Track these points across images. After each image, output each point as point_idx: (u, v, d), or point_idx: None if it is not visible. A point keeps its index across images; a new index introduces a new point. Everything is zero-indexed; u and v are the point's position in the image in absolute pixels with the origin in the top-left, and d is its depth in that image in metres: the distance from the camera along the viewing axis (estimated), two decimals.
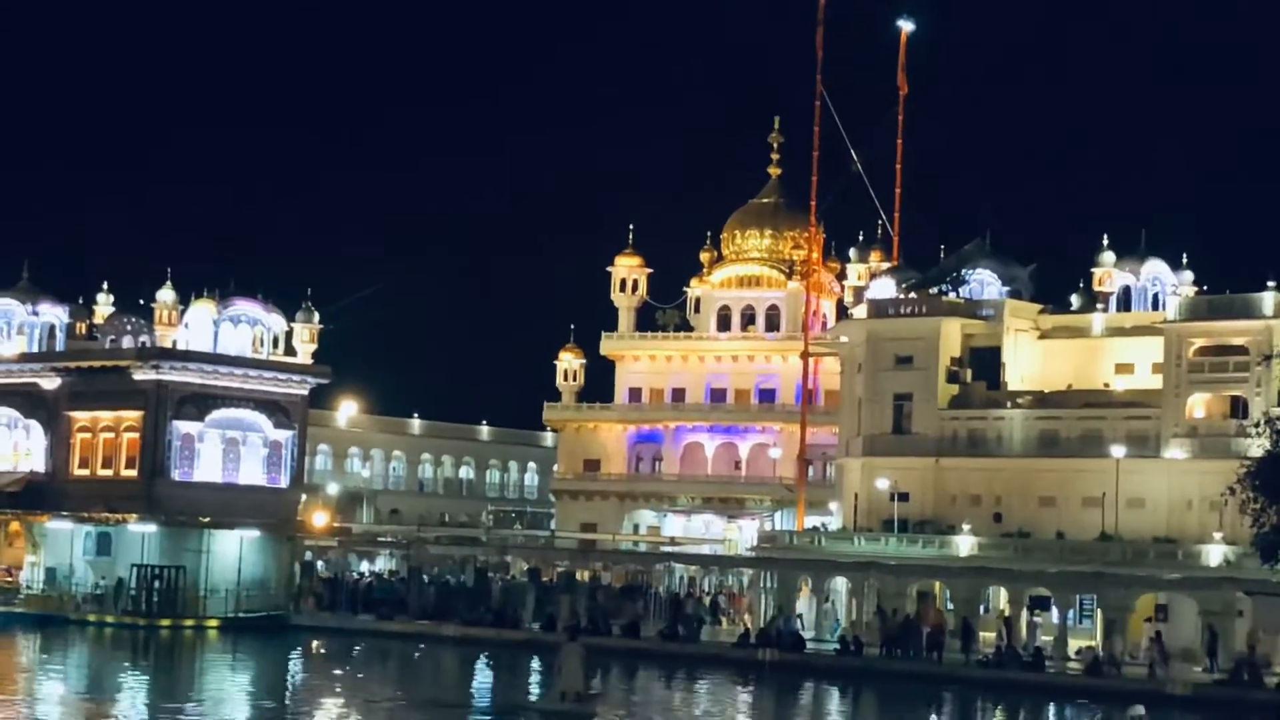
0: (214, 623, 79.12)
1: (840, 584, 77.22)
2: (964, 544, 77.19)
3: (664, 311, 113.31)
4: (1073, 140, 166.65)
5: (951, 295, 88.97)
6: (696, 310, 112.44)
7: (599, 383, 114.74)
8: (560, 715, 47.19)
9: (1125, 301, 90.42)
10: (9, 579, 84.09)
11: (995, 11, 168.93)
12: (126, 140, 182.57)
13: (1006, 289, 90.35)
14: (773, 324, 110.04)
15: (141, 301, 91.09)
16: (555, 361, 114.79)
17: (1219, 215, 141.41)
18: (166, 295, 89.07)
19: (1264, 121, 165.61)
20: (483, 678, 65.19)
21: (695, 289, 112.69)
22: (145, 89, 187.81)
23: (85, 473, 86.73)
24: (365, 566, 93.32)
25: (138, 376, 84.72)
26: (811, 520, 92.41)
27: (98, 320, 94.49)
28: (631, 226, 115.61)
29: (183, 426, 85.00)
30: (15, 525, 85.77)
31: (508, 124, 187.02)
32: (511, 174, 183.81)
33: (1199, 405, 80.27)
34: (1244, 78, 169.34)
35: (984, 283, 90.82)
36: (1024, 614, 70.55)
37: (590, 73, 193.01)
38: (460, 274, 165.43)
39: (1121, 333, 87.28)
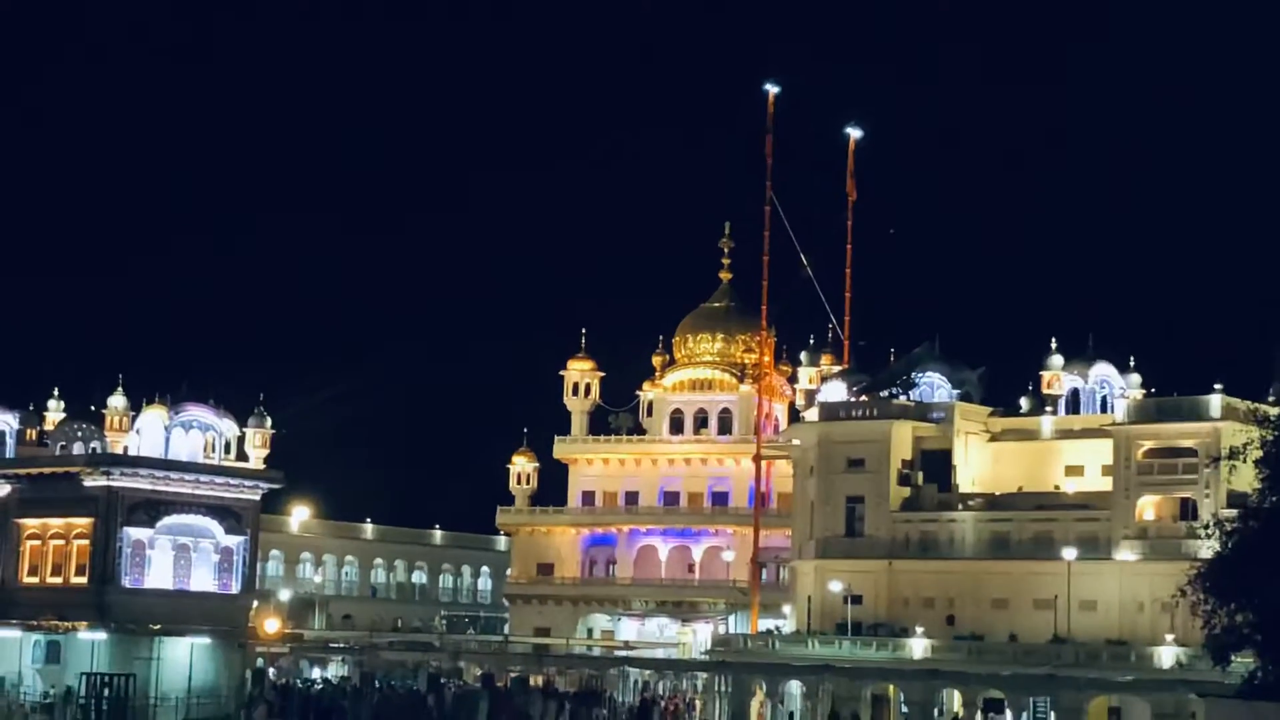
0: None
1: (795, 687, 76.92)
2: (917, 647, 77.09)
3: (617, 415, 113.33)
4: (1022, 243, 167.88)
5: (902, 398, 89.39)
6: (649, 413, 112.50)
7: (552, 486, 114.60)
8: None
9: (1074, 404, 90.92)
10: None
11: (943, 119, 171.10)
12: (76, 244, 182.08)
13: (956, 392, 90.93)
14: (725, 427, 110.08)
15: (93, 408, 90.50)
16: (508, 465, 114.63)
17: (1166, 318, 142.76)
18: (118, 401, 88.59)
19: (1210, 222, 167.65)
20: None
21: (648, 392, 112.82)
22: (98, 191, 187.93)
23: (35, 580, 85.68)
24: (317, 673, 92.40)
25: (88, 483, 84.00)
26: (765, 623, 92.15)
27: (48, 426, 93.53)
28: (584, 330, 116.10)
29: (134, 533, 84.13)
30: None
31: (462, 229, 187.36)
32: (463, 277, 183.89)
33: (1149, 507, 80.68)
34: (1190, 180, 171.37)
35: (934, 385, 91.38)
36: (978, 717, 70.42)
37: (542, 177, 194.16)
38: (412, 378, 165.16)
39: (1071, 435, 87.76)
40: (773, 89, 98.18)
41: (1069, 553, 78.86)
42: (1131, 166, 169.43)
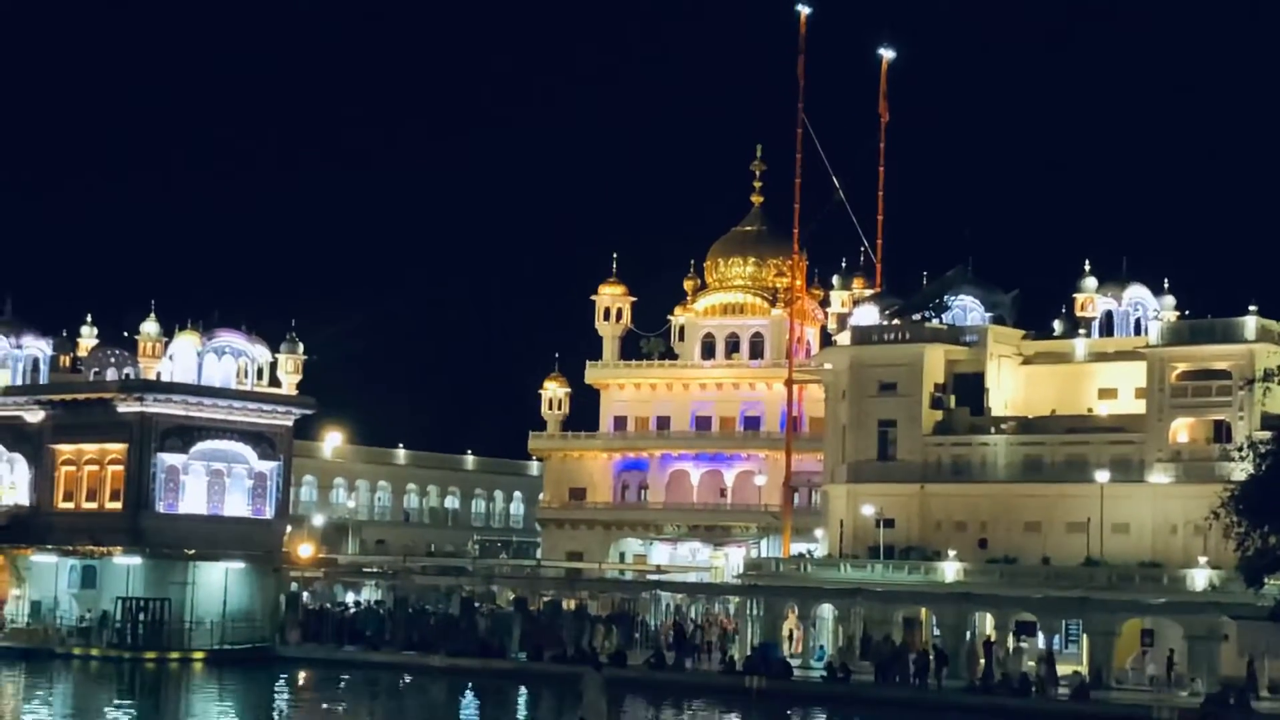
0: (199, 655, 78.80)
1: (826, 611, 77.16)
2: (949, 570, 77.18)
3: (648, 340, 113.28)
4: (1055, 166, 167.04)
5: (935, 322, 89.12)
6: (681, 338, 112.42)
7: (584, 411, 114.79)
8: None
9: (1108, 327, 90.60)
10: None
11: (976, 39, 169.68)
12: (110, 169, 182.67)
13: (989, 315, 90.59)
14: (757, 351, 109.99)
15: (126, 334, 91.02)
16: (540, 391, 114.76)
17: (1201, 239, 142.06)
18: (150, 327, 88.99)
19: (1245, 145, 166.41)
20: (470, 709, 64.96)
21: (679, 317, 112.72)
22: (133, 117, 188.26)
23: (70, 506, 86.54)
24: (351, 597, 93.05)
25: (122, 409, 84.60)
26: (797, 547, 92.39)
27: (81, 353, 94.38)
28: (615, 255, 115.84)
29: (167, 459, 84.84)
30: (0, 559, 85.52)
31: (492, 154, 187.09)
32: (495, 202, 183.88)
33: (1182, 429, 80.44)
34: (1226, 101, 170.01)
35: (967, 309, 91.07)
36: (1010, 639, 70.57)
37: (573, 103, 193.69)
38: (445, 304, 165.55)
39: (1104, 358, 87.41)
40: (804, 9, 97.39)
41: (1102, 475, 78.75)
42: (1168, 84, 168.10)
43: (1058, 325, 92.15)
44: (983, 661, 68.49)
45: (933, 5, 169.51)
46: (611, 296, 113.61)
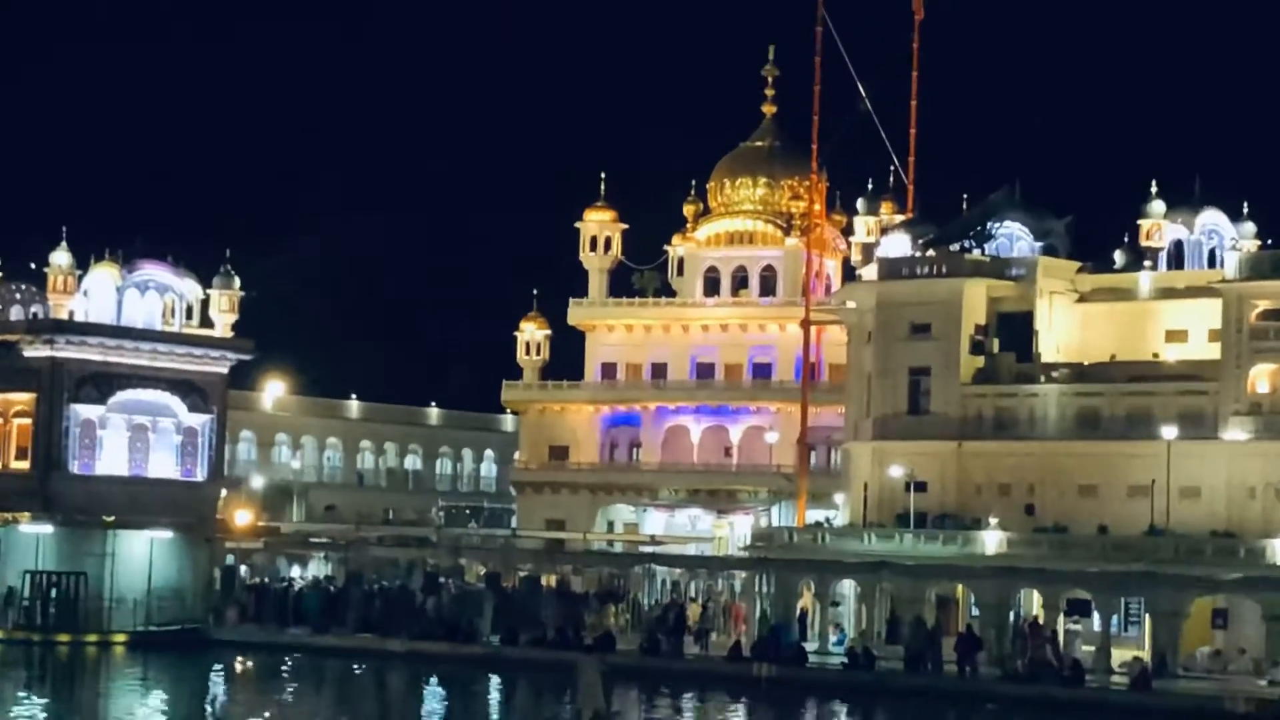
0: (121, 638, 78.95)
1: (848, 588, 77.37)
2: (990, 541, 77.35)
3: (642, 274, 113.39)
4: (1116, 73, 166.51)
5: (976, 253, 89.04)
6: (680, 272, 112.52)
7: (567, 358, 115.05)
8: None
9: (1177, 259, 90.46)
10: None
11: None
12: (10, 80, 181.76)
13: (1039, 245, 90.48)
14: (768, 288, 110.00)
15: (33, 266, 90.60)
16: (515, 334, 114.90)
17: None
18: (61, 259, 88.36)
19: None
20: (435, 700, 65.18)
21: (678, 247, 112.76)
22: (34, 22, 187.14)
23: None
24: (296, 572, 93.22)
25: (29, 354, 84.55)
26: (814, 515, 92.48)
27: None
28: (603, 175, 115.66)
29: (82, 411, 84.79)
30: None
31: (462, 59, 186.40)
32: (464, 114, 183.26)
33: (1263, 378, 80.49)
34: None
35: (1013, 238, 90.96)
36: (1060, 620, 70.80)
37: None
38: (407, 234, 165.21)
39: (1173, 295, 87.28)
40: None
41: (1168, 431, 78.92)
42: None
43: (1119, 257, 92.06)
44: (1029, 646, 68.74)
45: None
46: (599, 224, 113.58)
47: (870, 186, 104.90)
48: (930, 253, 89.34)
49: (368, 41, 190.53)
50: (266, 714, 58.67)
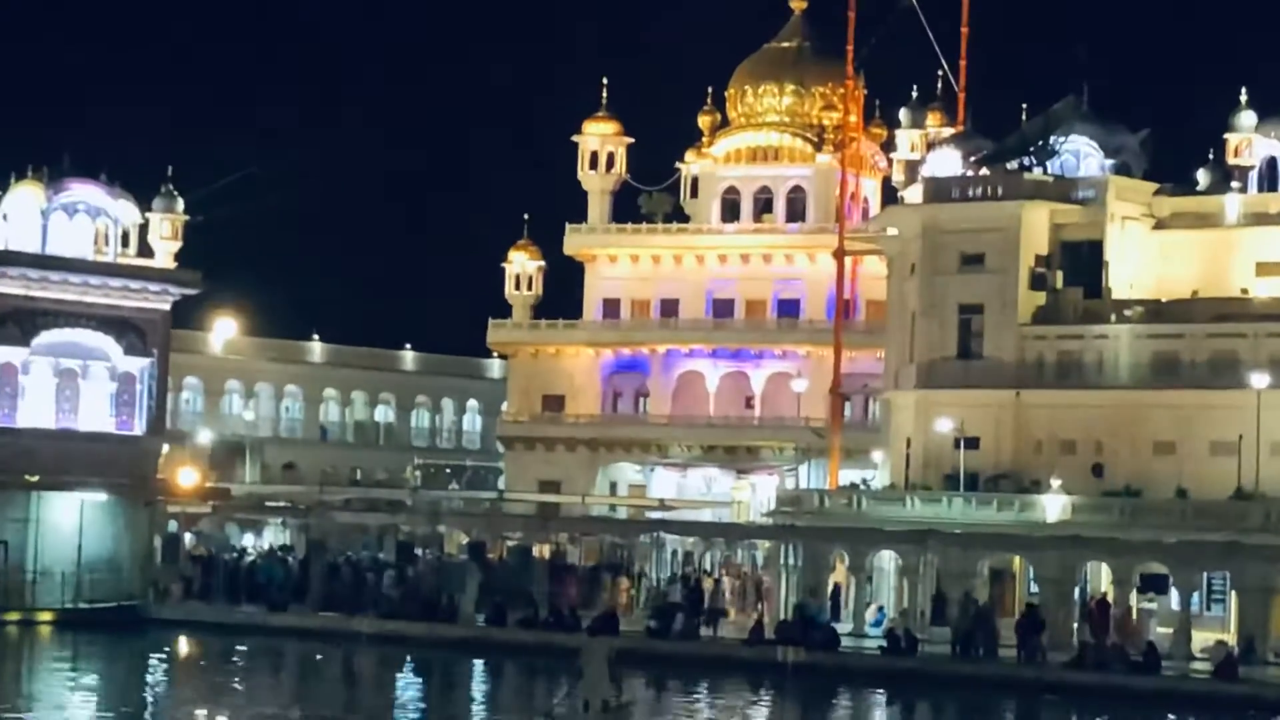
0: (47, 616, 79.06)
1: (887, 560, 77.44)
2: (1053, 506, 77.40)
3: (650, 196, 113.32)
4: None
5: (1037, 171, 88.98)
6: (694, 194, 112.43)
7: (563, 293, 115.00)
8: None
9: (1270, 178, 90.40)
10: None
11: None
12: None
13: (1111, 163, 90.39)
14: (796, 212, 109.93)
15: None
16: (504, 265, 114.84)
17: None
18: None
19: None
20: (409, 688, 65.32)
21: (692, 165, 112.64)
22: None
23: None
24: (250, 541, 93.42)
25: None
26: (848, 475, 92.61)
27: None
28: (605, 81, 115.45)
29: (2, 354, 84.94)
30: None
31: None
32: (446, 12, 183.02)
33: None
34: None
35: (1080, 154, 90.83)
36: (1134, 597, 70.86)
37: None
38: (378, 149, 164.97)
39: (1265, 220, 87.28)
40: None
41: (1259, 379, 78.94)
42: None
43: (1202, 176, 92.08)
44: (1097, 628, 68.88)
45: None
46: (601, 137, 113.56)
47: (915, 94, 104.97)
48: (984, 171, 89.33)
49: None
50: (213, 704, 58.82)
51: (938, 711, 62.01)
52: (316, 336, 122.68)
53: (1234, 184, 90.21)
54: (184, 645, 74.87)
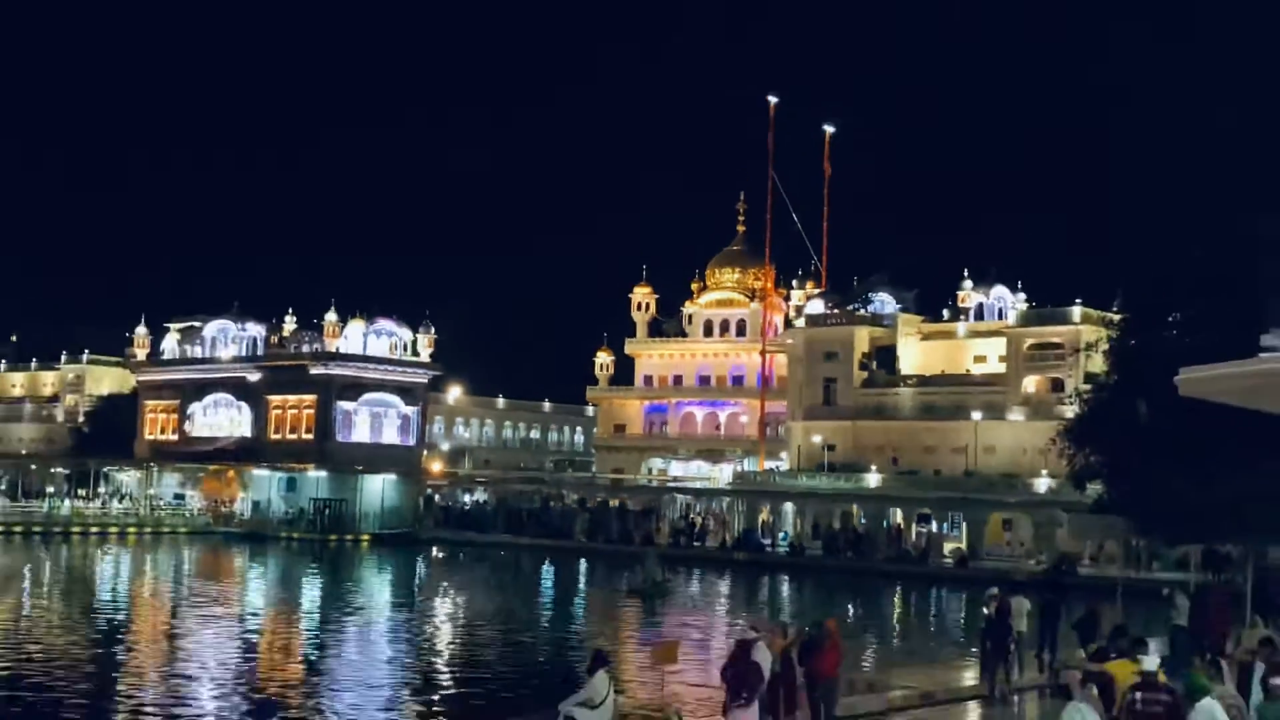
0: (366, 537, 79.40)
1: (789, 507, 77.38)
2: (872, 479, 77.29)
3: (668, 323, 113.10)
4: (948, 206, 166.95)
5: (862, 311, 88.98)
6: (690, 322, 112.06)
7: (624, 371, 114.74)
8: (646, 593, 47.59)
9: (980, 313, 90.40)
10: (226, 509, 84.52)
11: (890, 120, 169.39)
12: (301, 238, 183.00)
13: (899, 306, 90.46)
14: (741, 331, 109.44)
15: (315, 321, 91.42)
16: (594, 358, 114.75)
17: (1043, 252, 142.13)
18: (331, 316, 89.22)
19: (1077, 177, 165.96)
20: (548, 575, 65.26)
21: (689, 308, 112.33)
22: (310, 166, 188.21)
23: (279, 437, 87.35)
24: (467, 498, 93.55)
25: (313, 372, 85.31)
26: (770, 464, 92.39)
27: (285, 334, 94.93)
28: (645, 267, 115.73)
29: (343, 405, 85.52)
30: (232, 473, 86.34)
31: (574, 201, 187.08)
32: (566, 226, 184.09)
33: (1031, 383, 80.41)
34: (1058, 147, 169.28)
35: (884, 302, 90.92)
36: (914, 526, 70.72)
37: (632, 175, 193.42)
38: (526, 302, 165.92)
39: (977, 334, 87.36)
40: (773, 99, 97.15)
41: (976, 415, 78.78)
42: (1018, 129, 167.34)
43: (946, 313, 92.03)
44: (895, 542, 68.54)
45: (860, 99, 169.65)
46: (642, 295, 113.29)
47: (800, 273, 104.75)
48: (835, 311, 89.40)
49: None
50: (449, 579, 58.77)
51: (816, 586, 61.66)
52: (500, 395, 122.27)
53: (961, 317, 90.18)
54: (435, 551, 74.88)
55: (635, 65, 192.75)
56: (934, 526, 70.95)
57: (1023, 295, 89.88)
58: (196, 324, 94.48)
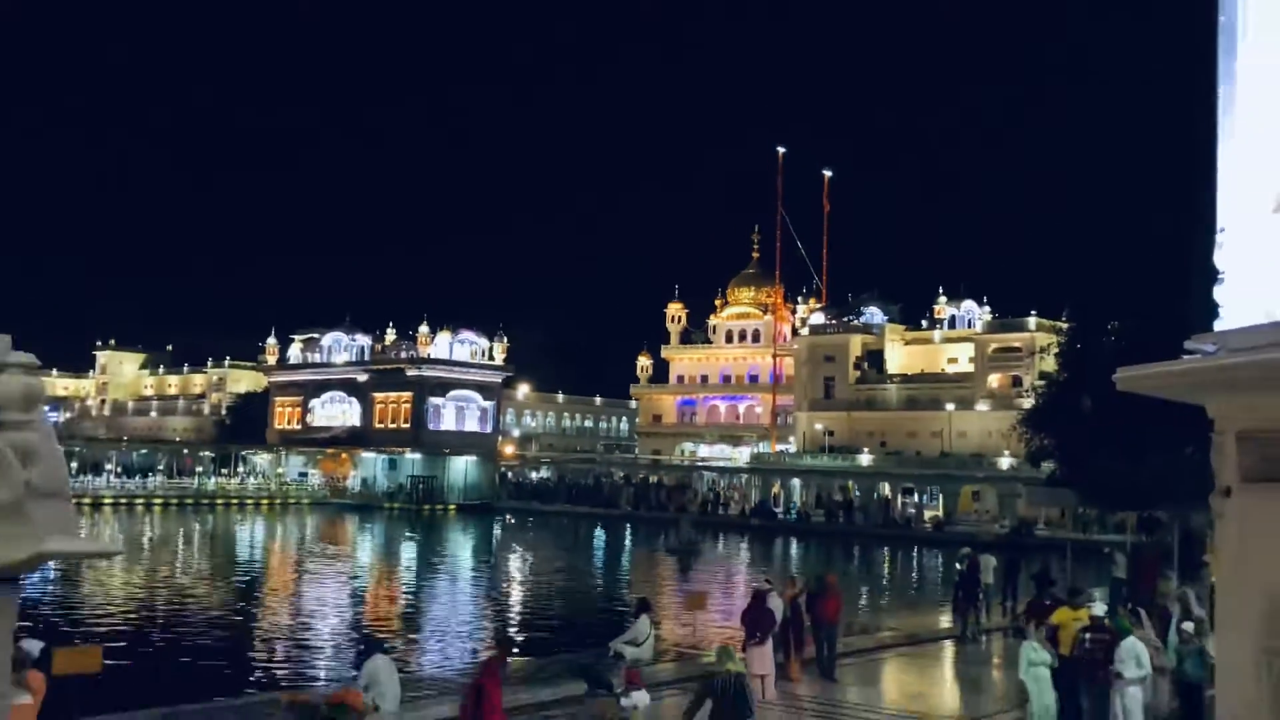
0: (452, 507, 79.48)
1: (796, 482, 77.08)
2: (865, 459, 76.79)
3: (696, 332, 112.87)
4: (926, 233, 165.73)
5: (855, 322, 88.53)
6: (714, 332, 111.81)
7: (661, 372, 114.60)
8: (680, 552, 47.47)
9: (953, 323, 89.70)
10: (340, 484, 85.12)
11: (882, 162, 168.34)
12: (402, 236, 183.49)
13: (886, 317, 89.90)
14: (756, 339, 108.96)
15: (410, 332, 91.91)
16: (636, 361, 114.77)
17: (1005, 273, 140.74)
18: (424, 329, 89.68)
19: (1035, 210, 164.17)
20: (600, 537, 65.27)
21: (714, 320, 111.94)
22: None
23: (382, 426, 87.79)
24: (535, 475, 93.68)
25: (409, 374, 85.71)
26: (780, 447, 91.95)
27: (387, 342, 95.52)
28: (677, 286, 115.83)
29: (434, 400, 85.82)
30: (345, 455, 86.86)
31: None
32: (615, 254, 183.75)
33: (995, 381, 79.69)
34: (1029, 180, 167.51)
35: (874, 314, 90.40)
36: (900, 497, 70.26)
37: (663, 203, 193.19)
38: (574, 323, 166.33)
39: (951, 340, 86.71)
40: (781, 150, 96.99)
41: (950, 406, 78.14)
42: (977, 166, 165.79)
43: (925, 323, 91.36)
44: (884, 511, 68.08)
45: (854, 148, 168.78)
46: (676, 309, 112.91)
47: (804, 291, 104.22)
48: (834, 322, 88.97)
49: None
50: (521, 541, 58.84)
51: (819, 547, 61.23)
52: (560, 391, 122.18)
53: (938, 326, 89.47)
54: (508, 518, 74.91)
55: (672, 131, 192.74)
56: (916, 497, 70.46)
57: (988, 308, 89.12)
58: (315, 335, 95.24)
